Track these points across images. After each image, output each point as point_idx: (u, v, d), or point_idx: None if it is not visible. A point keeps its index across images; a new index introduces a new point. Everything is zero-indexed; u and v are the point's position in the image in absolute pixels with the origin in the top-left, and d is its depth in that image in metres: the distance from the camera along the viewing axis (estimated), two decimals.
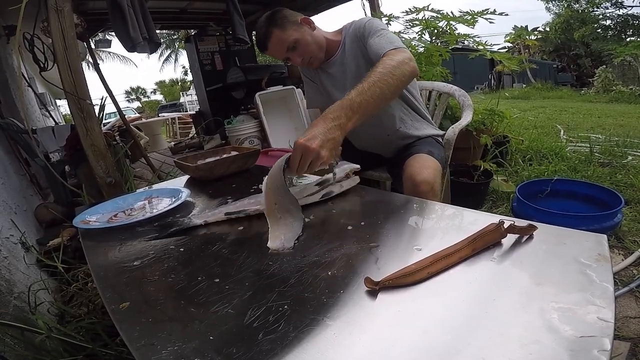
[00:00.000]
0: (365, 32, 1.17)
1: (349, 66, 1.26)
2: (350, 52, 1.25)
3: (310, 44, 1.22)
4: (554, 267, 0.48)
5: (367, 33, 1.16)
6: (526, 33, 14.51)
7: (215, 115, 4.88)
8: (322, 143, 0.77)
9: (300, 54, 1.21)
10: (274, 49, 1.20)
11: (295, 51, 1.20)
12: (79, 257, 1.54)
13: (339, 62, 1.28)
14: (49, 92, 6.86)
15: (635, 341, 1.05)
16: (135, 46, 2.82)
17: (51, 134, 2.63)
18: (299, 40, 1.18)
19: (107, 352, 0.98)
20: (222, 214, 0.80)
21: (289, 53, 1.20)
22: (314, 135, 0.77)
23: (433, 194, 1.04)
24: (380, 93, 0.89)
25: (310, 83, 1.44)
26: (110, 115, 10.59)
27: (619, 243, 1.59)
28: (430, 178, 1.06)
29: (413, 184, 1.06)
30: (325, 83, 1.35)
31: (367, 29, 1.17)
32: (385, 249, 0.60)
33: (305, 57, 1.23)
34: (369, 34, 1.16)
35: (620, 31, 13.86)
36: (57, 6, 1.56)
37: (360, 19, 1.24)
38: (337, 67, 1.29)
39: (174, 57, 24.23)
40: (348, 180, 0.88)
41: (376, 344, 0.40)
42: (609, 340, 0.35)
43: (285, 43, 1.18)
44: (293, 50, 1.20)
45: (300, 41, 1.19)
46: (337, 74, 1.30)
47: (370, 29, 1.16)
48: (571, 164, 2.57)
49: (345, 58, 1.27)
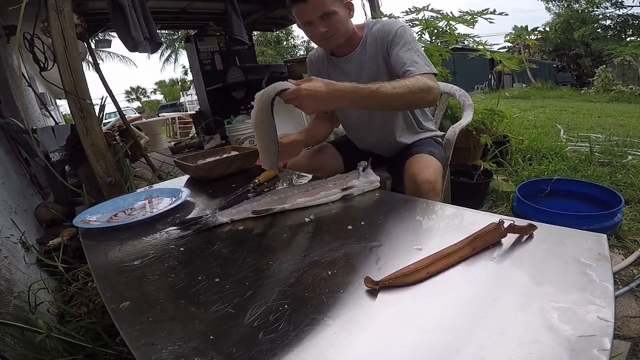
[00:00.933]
0: (395, 39, 1.14)
1: (367, 66, 1.23)
2: (371, 52, 1.22)
3: (343, 25, 1.16)
4: (554, 267, 0.48)
5: (397, 41, 1.14)
6: (526, 33, 14.49)
7: (215, 115, 4.88)
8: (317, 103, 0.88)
9: (328, 27, 1.14)
10: (312, 7, 1.10)
11: (325, 22, 1.13)
12: (79, 257, 1.54)
13: (356, 60, 1.25)
14: (49, 92, 6.86)
15: (635, 341, 1.05)
16: (136, 46, 2.82)
17: (51, 134, 2.63)
18: (336, 14, 1.12)
19: (107, 351, 0.98)
20: (249, 212, 0.80)
21: (320, 19, 1.12)
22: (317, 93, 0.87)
23: (434, 194, 1.04)
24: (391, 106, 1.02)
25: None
26: (110, 115, 10.58)
27: (619, 243, 1.59)
28: (432, 178, 1.06)
29: (414, 183, 1.06)
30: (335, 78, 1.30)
31: (398, 37, 1.14)
32: (385, 248, 0.60)
33: (329, 32, 1.15)
34: (398, 43, 1.13)
35: (620, 31, 13.86)
36: (57, 6, 1.56)
37: (391, 22, 1.21)
38: (353, 64, 1.25)
39: (174, 57, 24.23)
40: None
41: (376, 344, 0.40)
42: (608, 340, 0.35)
43: (325, 8, 1.10)
44: (324, 19, 1.12)
45: (337, 16, 1.13)
46: (352, 71, 1.26)
47: (402, 38, 1.14)
48: (571, 164, 2.57)
49: (363, 57, 1.23)
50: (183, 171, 1.30)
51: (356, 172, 0.90)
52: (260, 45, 19.77)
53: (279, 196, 0.85)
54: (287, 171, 1.22)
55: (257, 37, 18.90)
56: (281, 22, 5.67)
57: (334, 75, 1.30)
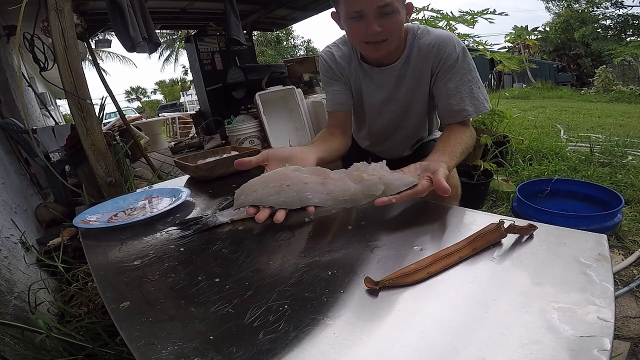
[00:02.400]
0: (456, 64, 0.98)
1: (406, 83, 1.06)
2: (414, 68, 1.04)
3: (399, 30, 0.95)
4: (554, 267, 0.48)
5: (458, 67, 0.98)
6: (526, 33, 14.47)
7: (215, 115, 4.89)
8: None
9: (384, 27, 0.91)
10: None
11: (383, 20, 0.90)
12: (79, 257, 1.54)
13: (395, 73, 1.06)
14: (49, 92, 6.87)
15: (635, 341, 1.06)
16: (135, 46, 2.83)
17: (51, 134, 2.63)
18: (398, 13, 0.90)
19: (107, 351, 0.98)
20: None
21: (377, 14, 0.89)
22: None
23: (456, 199, 1.00)
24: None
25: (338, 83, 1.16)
26: (110, 115, 10.59)
27: (619, 243, 1.59)
28: (455, 182, 1.01)
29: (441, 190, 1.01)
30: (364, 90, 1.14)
31: (459, 62, 0.97)
32: (385, 249, 0.60)
33: (384, 34, 0.92)
34: (459, 70, 0.98)
35: (620, 31, 13.85)
36: (57, 6, 1.56)
37: (449, 40, 0.99)
38: (391, 77, 1.07)
39: (174, 57, 24.25)
40: None
41: (376, 344, 0.40)
42: (609, 340, 0.35)
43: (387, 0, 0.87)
44: (382, 17, 0.89)
45: (397, 17, 0.91)
46: (389, 85, 1.09)
47: (463, 67, 0.98)
48: (571, 164, 2.57)
49: (404, 70, 1.05)
50: (183, 171, 1.30)
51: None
52: (260, 45, 19.78)
53: None
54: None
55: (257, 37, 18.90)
56: (281, 22, 5.68)
57: (364, 86, 1.13)
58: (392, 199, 0.68)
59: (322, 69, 1.18)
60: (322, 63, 1.17)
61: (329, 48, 1.16)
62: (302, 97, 3.88)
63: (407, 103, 1.12)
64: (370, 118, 1.22)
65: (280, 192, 0.71)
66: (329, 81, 1.17)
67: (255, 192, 0.72)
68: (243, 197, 0.75)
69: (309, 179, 0.72)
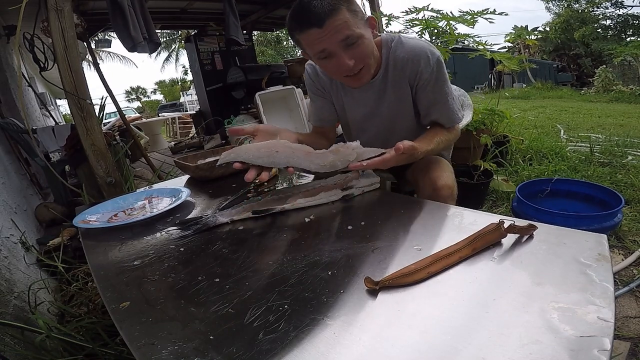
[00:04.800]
0: (432, 79, 0.99)
1: (387, 97, 1.07)
2: (393, 81, 1.04)
3: (372, 53, 0.94)
4: (554, 267, 0.48)
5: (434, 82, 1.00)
6: (526, 33, 14.48)
7: (215, 115, 4.88)
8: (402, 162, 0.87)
9: (356, 57, 0.90)
10: (331, 31, 0.85)
11: (351, 50, 0.89)
12: (79, 257, 1.54)
13: (375, 88, 1.06)
14: (49, 92, 6.87)
15: (635, 341, 1.05)
16: (135, 46, 2.83)
17: (51, 134, 2.63)
18: (363, 38, 0.89)
19: (107, 351, 0.97)
20: (249, 212, 0.80)
21: (343, 48, 0.88)
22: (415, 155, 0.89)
23: (452, 198, 1.00)
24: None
25: (321, 98, 1.19)
26: (110, 115, 10.59)
27: (619, 243, 1.59)
28: (450, 182, 1.02)
29: (434, 188, 1.00)
30: (346, 107, 1.16)
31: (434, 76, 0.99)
32: (385, 249, 0.60)
33: (358, 64, 0.92)
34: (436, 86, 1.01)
35: (620, 31, 13.85)
36: (57, 6, 1.56)
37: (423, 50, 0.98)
38: (371, 93, 1.07)
39: (174, 57, 24.24)
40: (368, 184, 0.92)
41: (376, 344, 0.40)
42: (609, 340, 0.35)
43: (348, 30, 0.85)
44: (349, 48, 0.88)
45: (365, 42, 0.89)
46: (370, 101, 1.09)
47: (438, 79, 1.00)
48: (571, 164, 2.57)
49: (384, 85, 1.05)
50: (183, 171, 1.30)
51: (356, 172, 0.90)
52: (260, 45, 19.78)
53: (279, 196, 0.85)
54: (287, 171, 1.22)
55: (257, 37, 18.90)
56: (281, 22, 5.67)
57: (346, 103, 1.14)
58: (363, 162, 0.82)
59: (306, 83, 1.21)
60: (306, 77, 1.19)
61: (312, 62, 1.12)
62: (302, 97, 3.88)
63: (392, 117, 1.12)
64: (355, 132, 1.24)
65: (270, 155, 0.82)
66: (313, 96, 1.21)
67: (247, 153, 0.82)
68: (233, 155, 0.82)
69: (296, 149, 0.84)
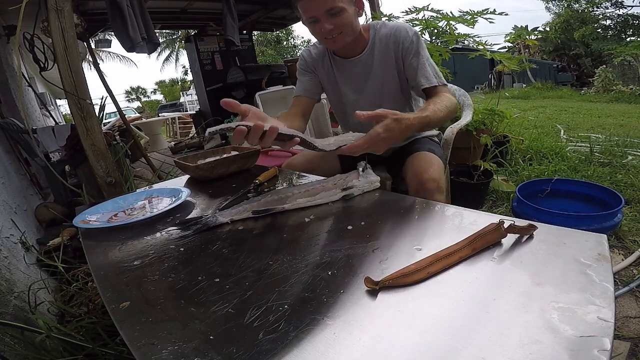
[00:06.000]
0: (413, 47, 1.14)
1: (374, 71, 1.21)
2: (379, 57, 1.20)
3: (351, 24, 1.11)
4: (554, 267, 0.48)
5: (414, 50, 1.14)
6: (526, 33, 14.46)
7: (215, 115, 4.89)
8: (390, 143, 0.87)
9: (335, 24, 1.08)
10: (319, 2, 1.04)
11: (333, 19, 1.07)
12: (79, 257, 1.54)
13: (362, 63, 1.22)
14: (49, 92, 6.87)
15: (635, 341, 1.06)
16: (134, 46, 2.83)
17: (51, 134, 2.63)
18: (345, 11, 1.06)
19: (107, 351, 0.98)
20: (249, 212, 0.80)
21: (327, 16, 1.06)
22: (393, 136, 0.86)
23: (439, 192, 1.02)
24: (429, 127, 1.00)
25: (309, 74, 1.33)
26: (110, 115, 10.60)
27: (619, 243, 1.59)
28: (436, 175, 1.05)
29: (419, 182, 1.04)
30: (338, 81, 1.29)
31: (414, 46, 1.14)
32: (385, 249, 0.60)
33: (336, 30, 1.09)
34: (415, 54, 1.14)
35: (620, 31, 13.85)
36: (57, 6, 1.56)
37: (403, 27, 1.18)
38: (359, 68, 1.23)
39: (174, 57, 24.24)
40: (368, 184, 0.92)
41: (376, 344, 0.40)
42: (609, 340, 0.35)
43: (332, 3, 1.04)
44: (331, 17, 1.06)
45: (345, 14, 1.07)
46: (357, 75, 1.24)
47: (418, 48, 1.14)
48: (571, 164, 2.57)
49: (371, 60, 1.21)
50: (183, 171, 1.30)
51: (356, 172, 0.90)
52: (260, 45, 19.77)
53: (279, 196, 0.85)
54: (287, 171, 1.22)
55: (257, 37, 18.89)
56: (281, 22, 5.67)
57: (338, 77, 1.28)
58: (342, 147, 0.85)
59: (299, 64, 1.35)
60: (300, 59, 1.35)
61: (308, 47, 1.35)
62: None
63: (380, 89, 1.24)
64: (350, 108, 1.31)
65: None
66: (303, 72, 1.33)
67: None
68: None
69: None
